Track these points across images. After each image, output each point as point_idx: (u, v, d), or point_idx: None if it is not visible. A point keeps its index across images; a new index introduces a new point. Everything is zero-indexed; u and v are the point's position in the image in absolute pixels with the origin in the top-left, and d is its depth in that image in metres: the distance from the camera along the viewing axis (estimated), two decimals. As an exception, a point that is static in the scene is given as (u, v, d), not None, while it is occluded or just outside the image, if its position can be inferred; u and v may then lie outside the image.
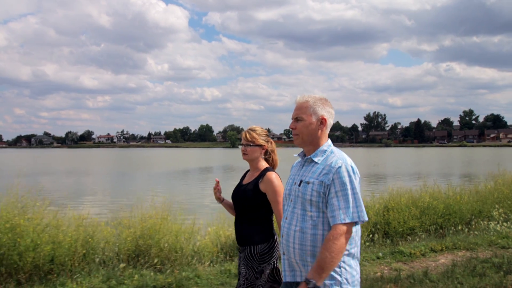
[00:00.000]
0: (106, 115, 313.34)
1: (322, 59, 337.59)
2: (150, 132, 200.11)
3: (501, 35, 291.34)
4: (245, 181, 3.12)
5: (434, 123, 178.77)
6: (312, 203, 2.22)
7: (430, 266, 5.56)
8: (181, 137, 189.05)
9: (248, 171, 3.22)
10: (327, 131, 2.39)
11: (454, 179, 22.14)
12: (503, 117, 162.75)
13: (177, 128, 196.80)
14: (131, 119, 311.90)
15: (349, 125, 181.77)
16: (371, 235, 6.55)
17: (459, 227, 7.09)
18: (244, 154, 3.08)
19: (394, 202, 6.92)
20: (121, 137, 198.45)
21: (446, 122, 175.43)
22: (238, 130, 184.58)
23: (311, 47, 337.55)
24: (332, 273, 2.15)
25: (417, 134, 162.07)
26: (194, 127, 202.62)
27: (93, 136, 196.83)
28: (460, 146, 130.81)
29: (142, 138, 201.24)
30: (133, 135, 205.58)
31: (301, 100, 2.38)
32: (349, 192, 2.16)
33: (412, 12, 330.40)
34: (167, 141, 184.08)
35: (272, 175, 2.98)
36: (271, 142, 3.15)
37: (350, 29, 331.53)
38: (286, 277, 2.34)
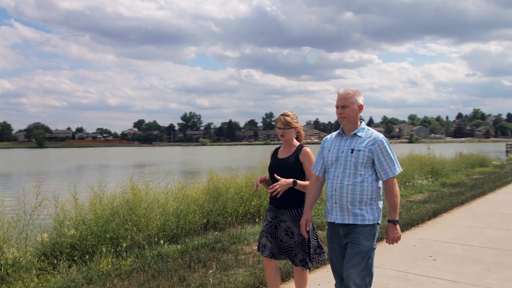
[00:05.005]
0: None
1: (132, 57, 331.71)
2: None
3: (289, 49, 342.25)
4: (282, 156, 3.65)
5: (242, 124, 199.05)
6: (362, 165, 3.01)
7: (431, 194, 11.05)
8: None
9: (277, 148, 3.79)
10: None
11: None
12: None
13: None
14: None
15: (166, 125, 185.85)
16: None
17: (408, 183, 12.98)
18: (282, 136, 3.60)
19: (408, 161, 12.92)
20: None
21: (252, 123, 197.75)
22: (45, 129, 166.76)
23: (121, 44, 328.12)
24: (371, 211, 3.03)
25: (229, 133, 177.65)
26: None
27: None
28: (265, 144, 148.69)
29: None
30: None
31: (344, 92, 3.09)
32: (391, 156, 3.04)
33: (218, 20, 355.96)
34: None
35: (308, 149, 3.58)
36: (298, 122, 3.69)
37: (161, 29, 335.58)
38: (337, 220, 3.09)
